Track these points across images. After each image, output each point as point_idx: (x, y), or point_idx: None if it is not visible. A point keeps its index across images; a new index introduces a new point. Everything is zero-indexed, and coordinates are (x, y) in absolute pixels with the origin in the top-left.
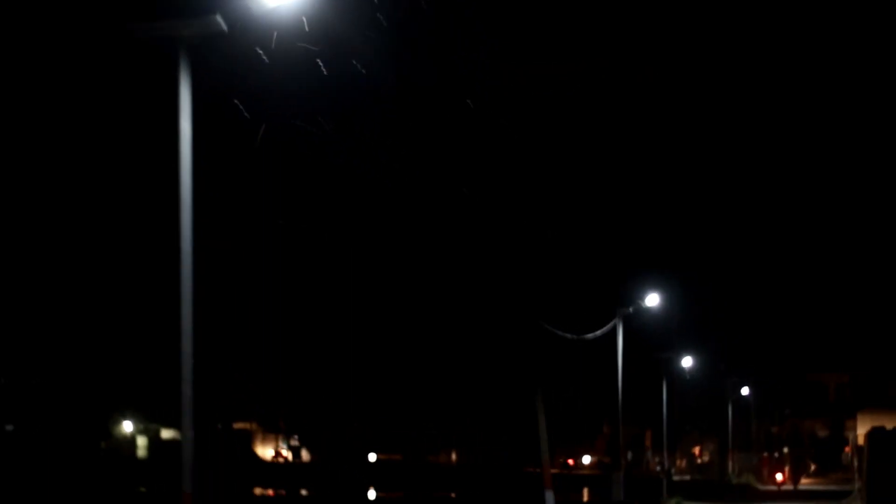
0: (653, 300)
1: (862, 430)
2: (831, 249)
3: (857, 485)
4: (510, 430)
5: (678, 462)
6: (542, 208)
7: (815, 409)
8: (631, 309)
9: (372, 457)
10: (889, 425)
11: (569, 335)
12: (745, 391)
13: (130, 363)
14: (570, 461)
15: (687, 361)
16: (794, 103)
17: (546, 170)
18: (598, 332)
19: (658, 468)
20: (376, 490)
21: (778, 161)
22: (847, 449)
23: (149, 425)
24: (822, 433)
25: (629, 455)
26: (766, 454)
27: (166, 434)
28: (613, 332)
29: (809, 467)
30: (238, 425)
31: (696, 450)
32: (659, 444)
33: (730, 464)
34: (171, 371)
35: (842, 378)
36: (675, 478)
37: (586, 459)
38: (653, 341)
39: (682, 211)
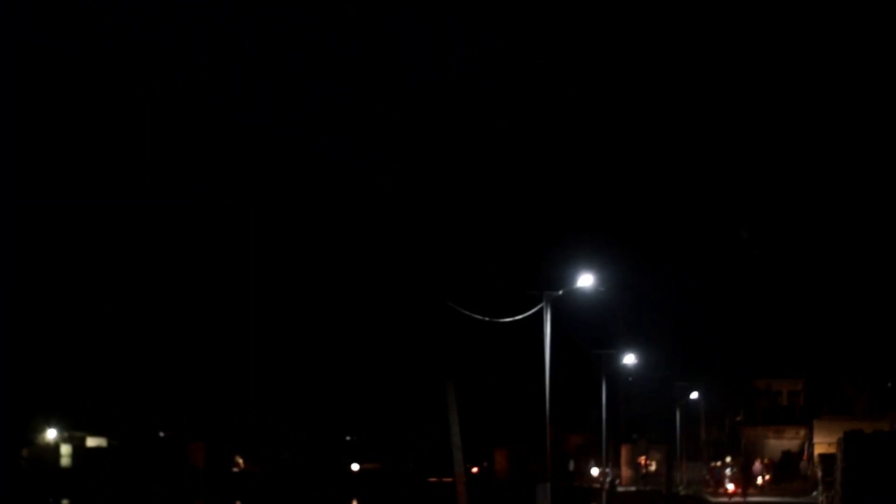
0: (586, 280)
1: (819, 438)
2: (786, 254)
3: (820, 497)
4: (421, 432)
5: (624, 472)
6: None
7: (768, 417)
8: (560, 291)
9: (355, 466)
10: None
11: (478, 316)
12: (694, 395)
13: (54, 368)
14: (474, 469)
15: (630, 358)
16: (787, 105)
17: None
18: (519, 316)
19: (601, 478)
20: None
21: (757, 163)
22: (804, 458)
23: (74, 433)
24: (775, 441)
25: (571, 464)
26: (713, 463)
27: (92, 442)
28: (555, 328)
29: (763, 477)
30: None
31: (643, 459)
32: (600, 451)
33: (679, 473)
34: (100, 376)
35: (795, 384)
36: (620, 489)
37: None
38: (597, 343)
39: (644, 212)
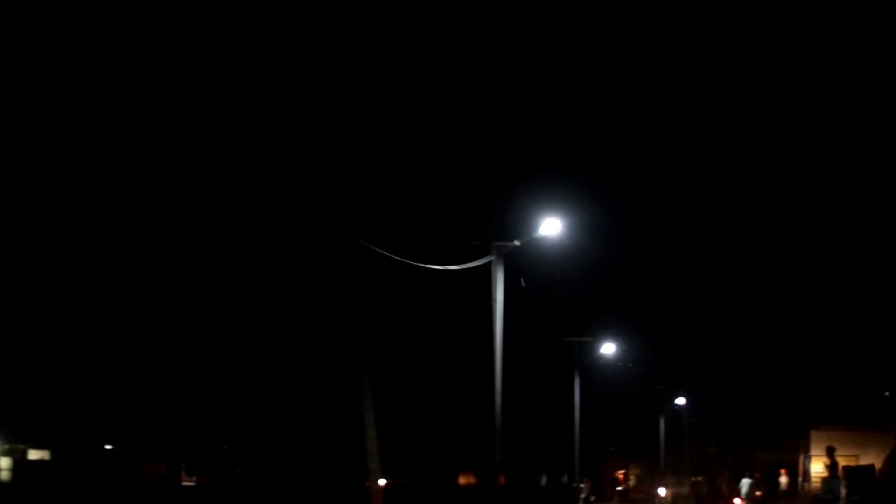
0: (553, 226)
1: (816, 450)
2: (778, 258)
3: None
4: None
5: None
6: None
7: (758, 427)
8: (517, 242)
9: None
10: (845, 443)
11: (393, 255)
12: (680, 401)
13: None
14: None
15: (608, 348)
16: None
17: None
18: (455, 266)
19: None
20: None
21: (746, 165)
22: (798, 472)
23: (15, 445)
24: (766, 453)
25: (543, 479)
26: (693, 479)
27: (34, 455)
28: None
29: (755, 493)
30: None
31: (621, 474)
32: (572, 462)
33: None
34: (42, 386)
35: (787, 392)
36: None
37: None
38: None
39: (626, 209)
